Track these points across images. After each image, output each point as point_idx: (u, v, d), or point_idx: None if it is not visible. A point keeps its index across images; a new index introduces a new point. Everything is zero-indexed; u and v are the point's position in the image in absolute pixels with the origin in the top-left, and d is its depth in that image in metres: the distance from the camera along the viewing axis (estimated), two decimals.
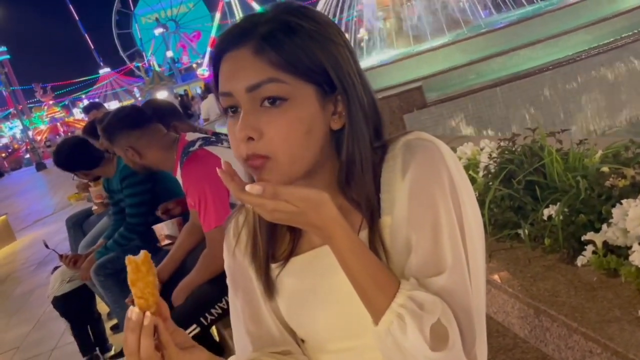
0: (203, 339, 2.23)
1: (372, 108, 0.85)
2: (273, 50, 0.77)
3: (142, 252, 0.78)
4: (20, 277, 7.07)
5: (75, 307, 3.49)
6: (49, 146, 37.65)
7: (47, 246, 3.53)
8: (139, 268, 0.77)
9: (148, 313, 0.77)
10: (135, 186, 2.94)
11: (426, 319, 0.75)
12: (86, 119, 6.34)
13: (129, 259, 0.77)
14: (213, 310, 2.15)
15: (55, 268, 3.64)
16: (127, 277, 0.77)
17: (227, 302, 1.01)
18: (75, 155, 3.27)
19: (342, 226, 0.77)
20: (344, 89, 0.81)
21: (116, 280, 2.94)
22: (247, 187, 0.72)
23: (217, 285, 2.07)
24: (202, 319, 2.13)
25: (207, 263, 2.12)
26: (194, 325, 2.12)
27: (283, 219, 0.74)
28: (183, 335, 0.84)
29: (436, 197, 0.80)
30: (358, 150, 0.83)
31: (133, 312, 0.77)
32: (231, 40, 0.80)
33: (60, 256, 3.37)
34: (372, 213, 0.84)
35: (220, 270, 1.05)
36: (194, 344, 0.85)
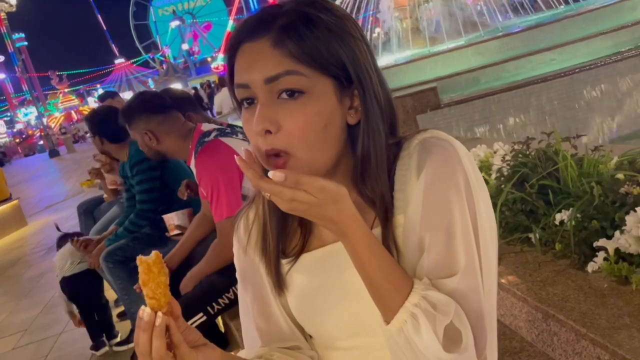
0: (208, 328, 2.24)
1: (388, 104, 0.84)
2: (292, 42, 0.76)
3: (153, 253, 0.77)
4: (30, 261, 7.14)
5: (82, 289, 3.52)
6: (64, 133, 38.03)
7: (58, 229, 3.57)
8: (151, 269, 0.76)
9: (160, 313, 0.77)
10: (145, 172, 2.96)
11: (439, 319, 0.74)
12: None
13: (140, 260, 0.76)
14: (220, 300, 2.15)
15: (60, 245, 3.65)
16: (139, 277, 0.76)
17: (235, 293, 1.01)
18: (105, 121, 3.27)
19: (358, 222, 0.76)
20: (360, 84, 0.80)
21: (125, 267, 2.95)
22: (270, 174, 0.71)
23: (226, 276, 2.08)
24: (208, 308, 2.14)
25: (217, 253, 2.13)
26: (200, 314, 2.13)
27: (300, 209, 0.73)
28: (194, 334, 0.83)
29: (451, 197, 0.79)
30: (373, 146, 0.82)
31: (145, 312, 0.77)
32: (249, 31, 0.78)
33: (72, 239, 3.41)
34: (385, 211, 0.83)
35: (229, 261, 1.05)
36: (206, 342, 0.84)
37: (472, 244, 0.80)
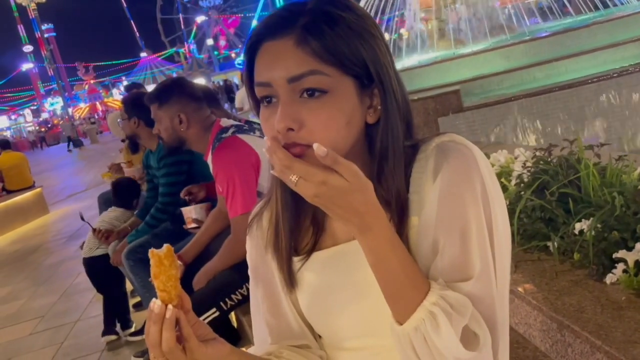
0: (221, 324, 2.25)
1: (405, 104, 0.84)
2: (316, 41, 0.75)
3: (165, 246, 0.78)
4: (51, 249, 7.27)
5: (102, 273, 3.60)
6: (93, 122, 38.73)
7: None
8: (162, 261, 0.77)
9: (170, 306, 0.77)
10: (172, 166, 2.96)
11: (457, 319, 0.74)
12: None
13: (152, 252, 0.77)
14: (233, 296, 2.16)
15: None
16: (150, 270, 0.77)
17: (248, 289, 1.01)
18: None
19: (382, 215, 0.75)
20: (381, 82, 0.80)
21: (145, 265, 2.95)
22: (315, 145, 0.69)
23: (239, 272, 2.10)
24: (221, 303, 2.15)
25: (231, 249, 2.14)
26: (213, 309, 2.14)
27: (327, 195, 0.70)
28: (204, 328, 0.83)
29: (467, 202, 0.79)
30: (391, 145, 0.82)
31: (155, 304, 0.78)
32: (271, 29, 0.78)
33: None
34: (401, 211, 0.83)
35: (243, 257, 1.05)
36: (215, 336, 0.84)
37: (487, 249, 0.79)
